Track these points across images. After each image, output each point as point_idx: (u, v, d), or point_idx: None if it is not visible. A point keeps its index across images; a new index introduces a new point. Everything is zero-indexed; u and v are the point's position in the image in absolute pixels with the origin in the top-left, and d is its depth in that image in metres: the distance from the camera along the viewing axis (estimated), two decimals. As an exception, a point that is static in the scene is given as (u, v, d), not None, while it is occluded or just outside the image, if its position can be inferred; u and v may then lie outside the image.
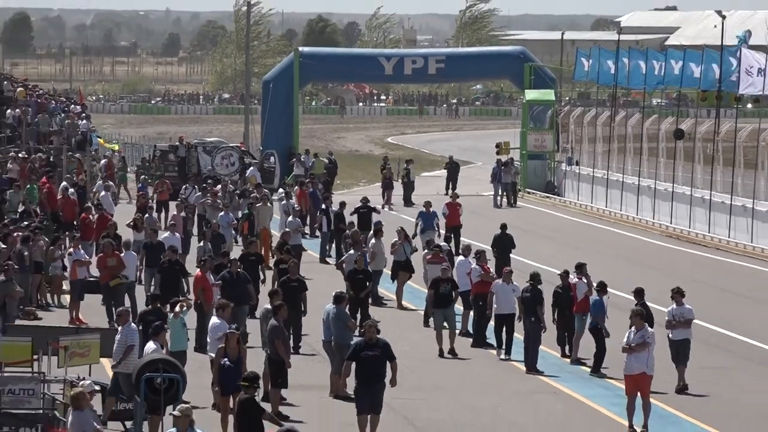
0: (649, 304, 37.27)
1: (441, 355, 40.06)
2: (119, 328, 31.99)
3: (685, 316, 36.85)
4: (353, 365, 29.27)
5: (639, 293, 37.64)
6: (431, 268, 45.46)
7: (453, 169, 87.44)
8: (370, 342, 29.37)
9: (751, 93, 73.97)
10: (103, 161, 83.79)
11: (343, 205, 56.92)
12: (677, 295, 37.37)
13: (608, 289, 41.67)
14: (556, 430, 32.95)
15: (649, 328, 33.55)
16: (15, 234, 48.27)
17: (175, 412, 23.67)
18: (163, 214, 66.54)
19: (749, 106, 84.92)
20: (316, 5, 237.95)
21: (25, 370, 31.14)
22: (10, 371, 30.51)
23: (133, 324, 32.49)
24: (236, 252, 48.41)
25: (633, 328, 32.66)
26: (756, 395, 33.41)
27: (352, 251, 45.58)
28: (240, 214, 57.20)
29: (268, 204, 62.55)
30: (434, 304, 41.38)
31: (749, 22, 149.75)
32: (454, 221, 60.18)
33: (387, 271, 47.20)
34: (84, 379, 31.03)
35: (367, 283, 42.97)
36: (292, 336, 38.42)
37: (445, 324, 39.53)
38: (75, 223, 57.50)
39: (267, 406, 27.62)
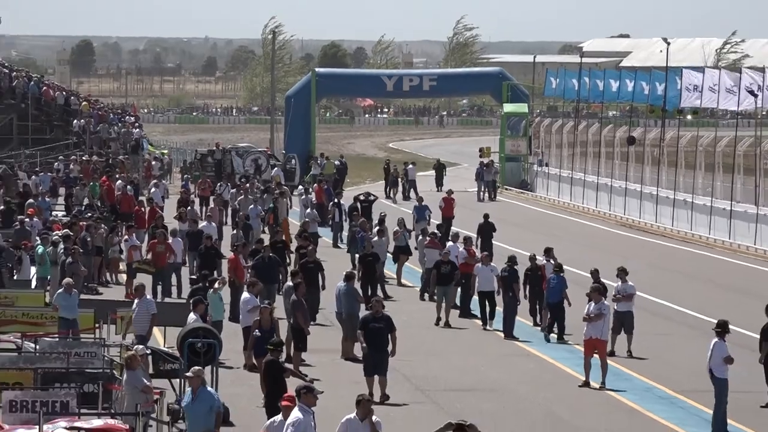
0: (603, 280, 37.27)
1: (438, 323, 40.17)
2: (135, 300, 32.11)
3: (628, 291, 37.07)
4: (362, 335, 29.59)
5: (595, 273, 37.77)
6: (428, 252, 45.69)
7: (440, 169, 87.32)
8: (376, 315, 29.64)
9: (690, 106, 74.01)
10: (148, 163, 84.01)
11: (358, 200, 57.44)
12: (622, 273, 37.53)
13: (571, 269, 42.60)
14: (528, 386, 33.11)
15: (605, 302, 34.00)
16: (80, 223, 48.43)
17: (188, 373, 23.86)
18: (203, 207, 66.28)
19: (689, 117, 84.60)
20: (329, 33, 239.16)
21: (88, 336, 31.53)
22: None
23: (149, 296, 32.59)
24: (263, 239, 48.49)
25: (592, 302, 33.02)
26: (689, 355, 33.60)
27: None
28: (266, 207, 56.92)
29: (287, 198, 62.40)
30: (437, 282, 41.62)
31: (689, 48, 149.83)
32: (448, 213, 60.07)
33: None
34: (136, 344, 31.50)
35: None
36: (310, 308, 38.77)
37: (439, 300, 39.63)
38: (130, 214, 57.39)
39: (290, 367, 27.85)
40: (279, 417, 21.20)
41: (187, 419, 22.73)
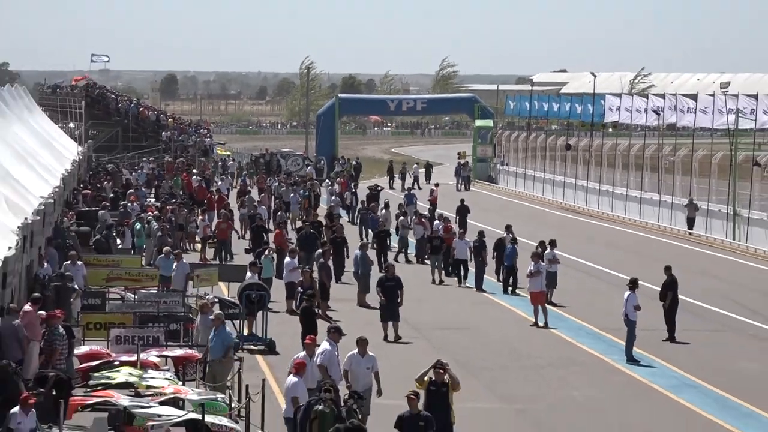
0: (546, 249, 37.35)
1: (433, 282, 40.26)
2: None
3: (555, 256, 37.15)
4: (380, 291, 29.63)
5: (541, 244, 38.04)
6: (416, 228, 45.77)
7: (428, 167, 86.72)
8: (389, 276, 29.78)
9: (611, 121, 74.23)
10: (216, 163, 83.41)
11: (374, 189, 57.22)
12: (551, 244, 37.83)
13: (524, 239, 42.93)
14: (492, 324, 33.11)
15: (542, 263, 34.37)
16: (167, 207, 48.44)
17: (211, 316, 23.72)
18: (259, 195, 64.73)
19: (610, 130, 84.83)
20: (349, 68, 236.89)
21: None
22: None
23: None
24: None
25: (533, 263, 33.48)
26: (609, 303, 33.32)
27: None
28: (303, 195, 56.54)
29: (318, 189, 61.94)
30: (431, 252, 41.64)
31: (610, 79, 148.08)
32: (435, 200, 59.77)
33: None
34: (207, 295, 31.43)
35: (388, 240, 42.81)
36: (335, 270, 38.58)
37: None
38: (203, 200, 56.48)
39: (320, 312, 27.59)
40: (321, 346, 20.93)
41: (209, 349, 22.61)
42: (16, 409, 17.97)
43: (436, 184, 64.45)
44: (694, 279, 39.46)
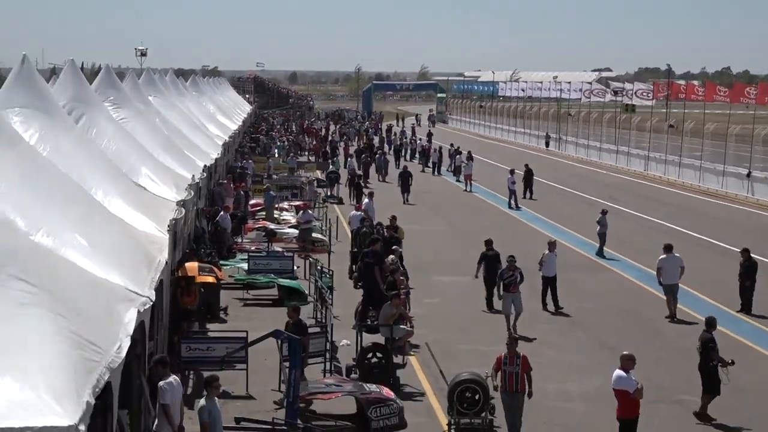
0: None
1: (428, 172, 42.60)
2: None
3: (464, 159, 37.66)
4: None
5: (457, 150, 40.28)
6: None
7: (417, 117, 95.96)
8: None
9: (502, 95, 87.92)
10: (316, 114, 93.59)
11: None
12: (468, 155, 40.77)
13: (442, 144, 48.09)
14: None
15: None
16: (291, 136, 56.07)
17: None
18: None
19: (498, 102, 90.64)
20: (379, 68, 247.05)
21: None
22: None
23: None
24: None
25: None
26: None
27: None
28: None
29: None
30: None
31: (502, 74, 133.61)
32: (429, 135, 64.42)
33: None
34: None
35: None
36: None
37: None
38: (309, 132, 65.89)
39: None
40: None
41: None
42: None
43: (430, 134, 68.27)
44: None
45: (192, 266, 17.08)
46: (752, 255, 21.63)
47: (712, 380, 14.45)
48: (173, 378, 11.44)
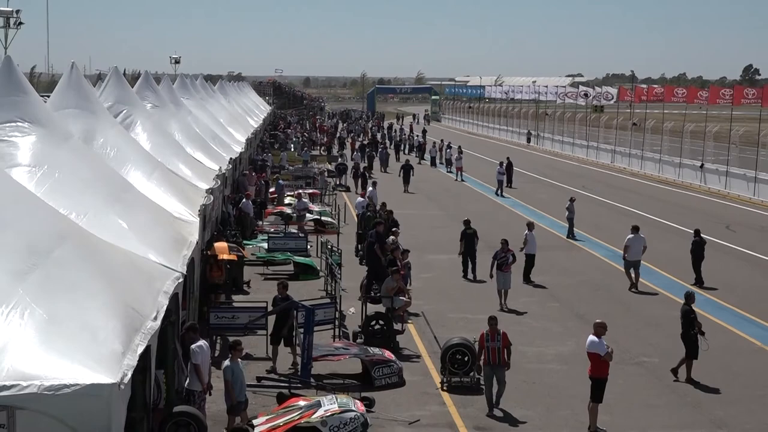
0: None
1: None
2: None
3: (455, 153, 37.46)
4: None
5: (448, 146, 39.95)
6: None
7: (414, 116, 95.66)
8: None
9: (489, 97, 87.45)
10: (327, 113, 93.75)
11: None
12: (458, 148, 40.55)
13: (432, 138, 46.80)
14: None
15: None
16: (306, 132, 56.24)
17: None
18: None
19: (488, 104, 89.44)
20: (381, 74, 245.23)
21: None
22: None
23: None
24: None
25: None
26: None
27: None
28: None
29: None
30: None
31: (487, 79, 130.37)
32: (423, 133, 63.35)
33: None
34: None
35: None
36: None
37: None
38: (321, 130, 65.29)
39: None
40: None
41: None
42: None
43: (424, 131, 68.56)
44: None
45: (222, 246, 17.24)
46: (702, 235, 21.96)
47: (693, 347, 14.55)
48: (203, 342, 11.57)
